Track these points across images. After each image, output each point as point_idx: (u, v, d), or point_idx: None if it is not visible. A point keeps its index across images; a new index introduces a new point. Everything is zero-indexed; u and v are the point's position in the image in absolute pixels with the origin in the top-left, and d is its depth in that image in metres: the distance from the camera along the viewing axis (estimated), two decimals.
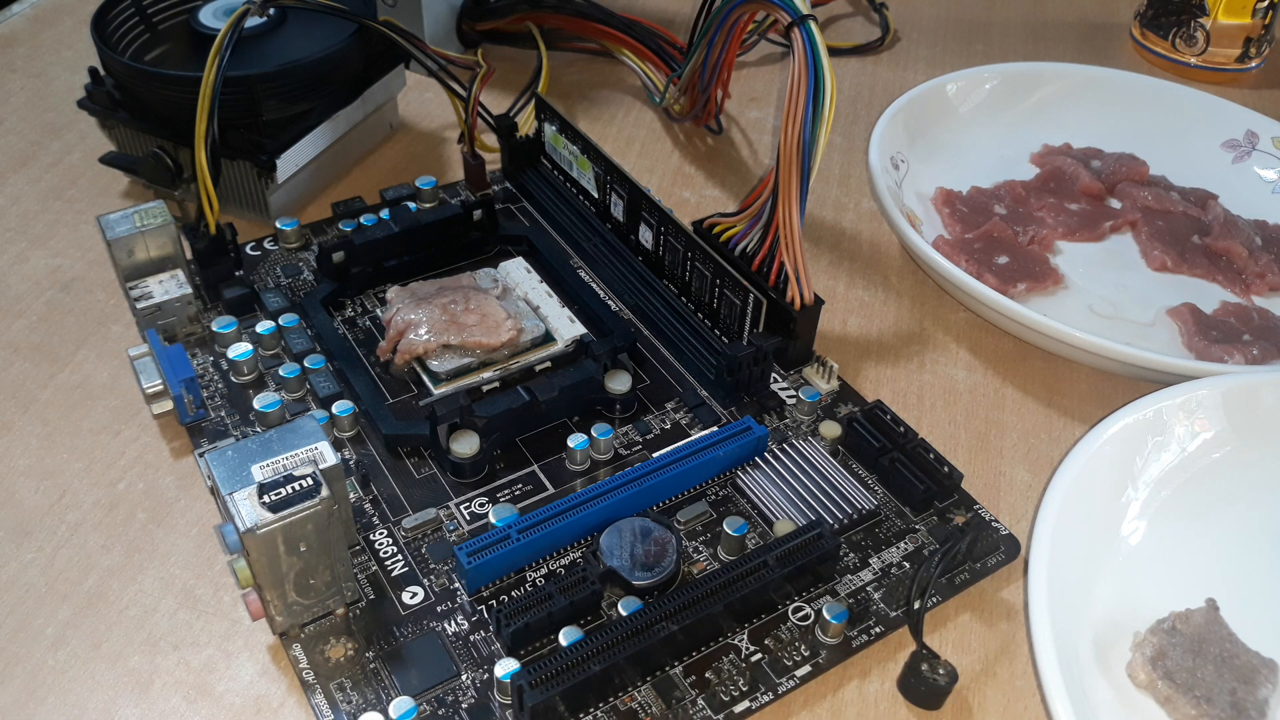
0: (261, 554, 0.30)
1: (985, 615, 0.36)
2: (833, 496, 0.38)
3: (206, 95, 0.44)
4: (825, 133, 0.39)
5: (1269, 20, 0.67)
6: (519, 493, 0.38)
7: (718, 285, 0.43)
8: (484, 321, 0.41)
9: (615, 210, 0.48)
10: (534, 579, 0.35)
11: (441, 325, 0.41)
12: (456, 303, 0.42)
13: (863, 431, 0.39)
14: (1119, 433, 0.38)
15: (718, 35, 0.49)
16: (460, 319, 0.41)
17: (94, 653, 0.34)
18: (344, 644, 0.33)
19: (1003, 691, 0.34)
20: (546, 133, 0.51)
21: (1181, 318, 0.47)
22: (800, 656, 0.33)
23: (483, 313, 0.42)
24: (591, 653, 0.31)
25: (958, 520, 0.38)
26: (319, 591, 0.32)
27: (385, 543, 0.36)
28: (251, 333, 0.43)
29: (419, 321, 0.41)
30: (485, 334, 0.41)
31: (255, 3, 0.47)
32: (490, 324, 0.41)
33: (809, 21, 0.39)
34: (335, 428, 0.40)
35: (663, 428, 0.41)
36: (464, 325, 0.41)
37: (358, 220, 0.49)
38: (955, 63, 0.67)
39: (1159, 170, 0.57)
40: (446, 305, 0.42)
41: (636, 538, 0.35)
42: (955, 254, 0.49)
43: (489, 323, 0.41)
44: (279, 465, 0.31)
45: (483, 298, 0.42)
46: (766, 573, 0.33)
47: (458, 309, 0.41)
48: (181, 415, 0.39)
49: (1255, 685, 0.33)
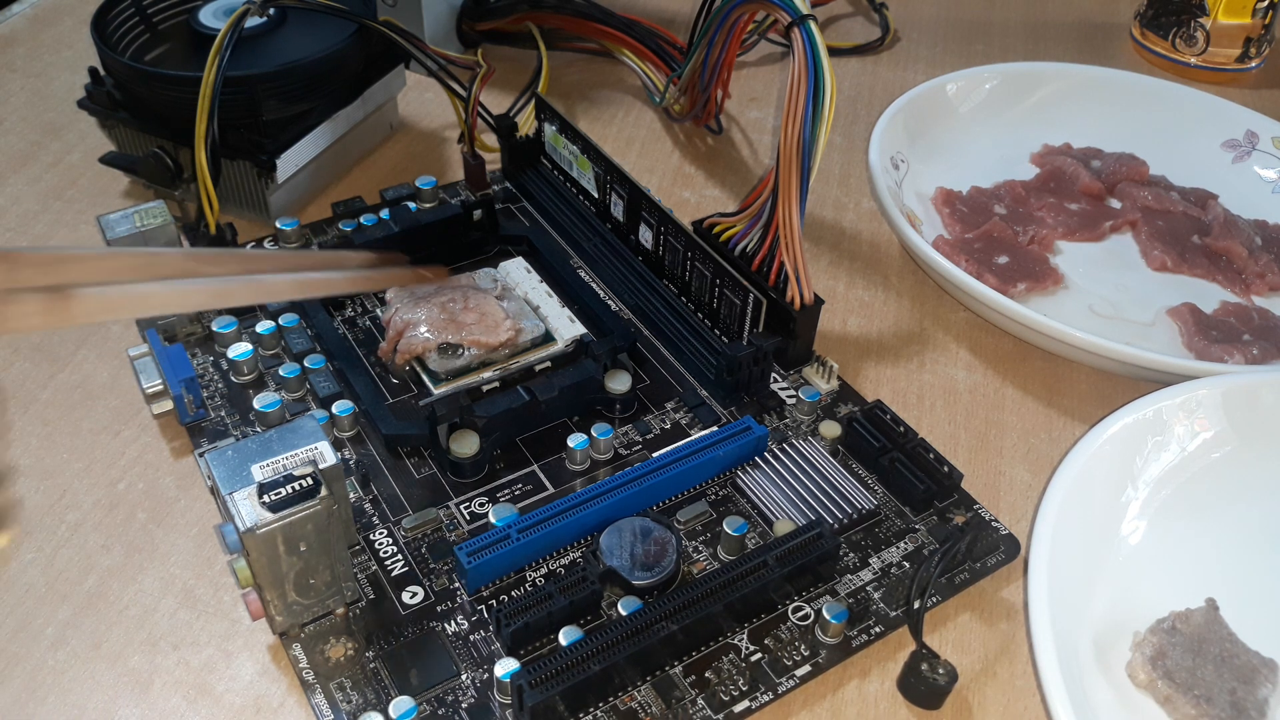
0: (261, 554, 0.30)
1: (985, 615, 0.36)
2: (832, 496, 0.38)
3: (206, 95, 0.44)
4: (825, 132, 0.39)
5: (1269, 20, 0.67)
6: (519, 492, 0.38)
7: (718, 285, 0.43)
8: (483, 320, 0.41)
9: (615, 210, 0.48)
10: (534, 579, 0.35)
11: (440, 324, 0.41)
12: (455, 301, 0.42)
13: (863, 431, 0.39)
14: (1119, 432, 0.38)
15: (718, 35, 0.49)
16: (459, 318, 0.41)
17: (94, 653, 0.34)
18: (344, 644, 0.33)
19: (1003, 691, 0.34)
20: (546, 133, 0.51)
21: (1181, 318, 0.47)
22: (800, 656, 0.33)
23: (481, 312, 0.42)
24: (591, 652, 0.31)
25: (957, 520, 0.38)
26: (319, 591, 0.32)
27: (385, 542, 0.36)
28: (251, 333, 0.43)
29: (418, 321, 0.41)
30: (484, 333, 0.41)
31: (255, 3, 0.47)
32: (489, 323, 0.41)
33: (809, 21, 0.39)
34: (335, 428, 0.40)
35: (663, 427, 0.41)
36: (463, 324, 0.41)
37: (358, 220, 0.49)
38: (955, 63, 0.67)
39: (1159, 170, 0.57)
40: (445, 304, 0.41)
41: (636, 537, 0.35)
42: (955, 254, 0.49)
43: (488, 322, 0.41)
44: (279, 465, 0.31)
45: (482, 297, 0.42)
46: (766, 572, 0.33)
47: (456, 308, 0.41)
48: (181, 415, 0.39)
49: (1255, 685, 0.33)
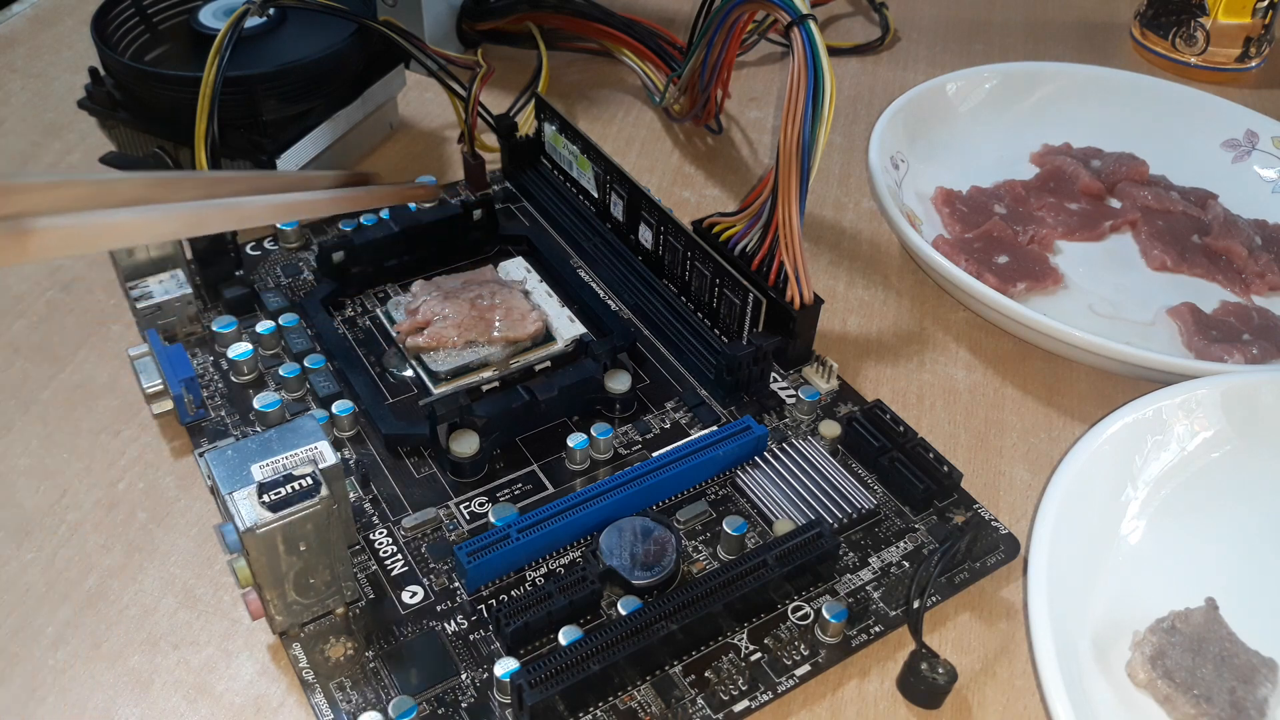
0: (261, 553, 0.30)
1: (985, 615, 0.36)
2: (832, 496, 0.38)
3: (206, 95, 0.44)
4: (825, 133, 0.39)
5: (1269, 20, 0.67)
6: (519, 492, 0.38)
7: (717, 285, 0.43)
8: (509, 316, 0.42)
9: (615, 210, 0.48)
10: (534, 578, 0.35)
11: (470, 322, 0.42)
12: (483, 299, 0.43)
13: (862, 431, 0.39)
14: (1118, 432, 0.38)
15: (717, 35, 0.49)
16: (487, 315, 0.42)
17: (94, 652, 0.34)
18: (344, 643, 0.33)
19: (1002, 691, 0.34)
20: (546, 132, 0.51)
21: (1181, 317, 0.47)
22: (800, 656, 0.33)
23: (508, 307, 0.42)
24: (591, 652, 0.31)
25: (957, 519, 0.38)
26: (319, 591, 0.32)
27: (385, 542, 0.36)
28: (251, 332, 0.43)
29: (447, 316, 0.42)
30: (510, 328, 0.42)
31: (255, 3, 0.47)
32: (515, 317, 0.42)
33: (809, 21, 0.39)
34: (335, 427, 0.40)
35: (662, 427, 0.41)
36: (490, 322, 0.42)
37: (357, 220, 0.49)
38: (955, 62, 0.67)
39: (1159, 170, 0.57)
40: (474, 301, 0.42)
41: (636, 537, 0.35)
42: (955, 253, 0.49)
43: (514, 316, 0.42)
44: (279, 465, 0.31)
45: (507, 292, 0.43)
46: (766, 572, 0.33)
47: (484, 304, 0.42)
48: (181, 415, 0.39)
49: (1254, 684, 0.33)
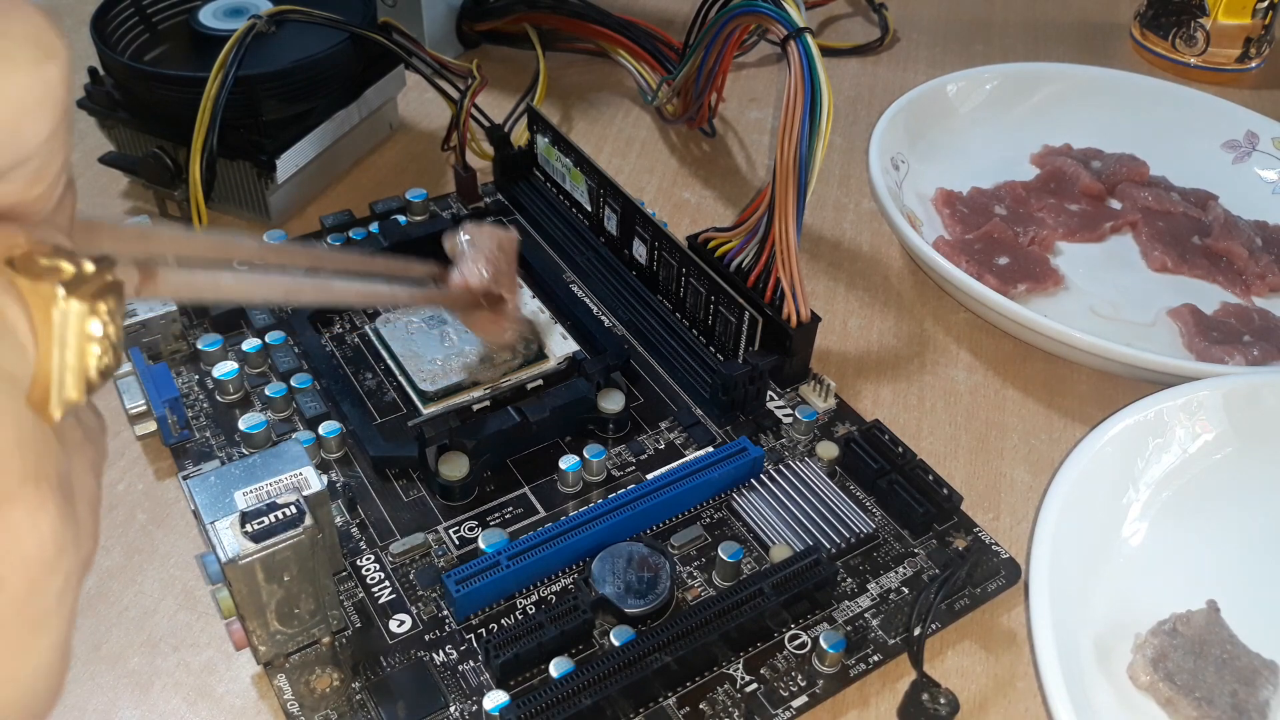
0: (243, 584, 0.29)
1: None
2: (830, 520, 0.37)
3: (207, 109, 0.43)
4: (822, 148, 0.38)
5: (1269, 20, 0.66)
6: (509, 516, 0.37)
7: (713, 302, 0.42)
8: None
9: (609, 224, 0.47)
10: (524, 606, 0.35)
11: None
12: None
13: (860, 452, 0.39)
14: (1120, 434, 0.38)
15: (713, 44, 0.49)
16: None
17: (94, 654, 0.34)
18: (330, 674, 0.33)
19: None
20: (539, 145, 0.51)
21: (1182, 318, 0.47)
22: (797, 686, 0.33)
23: None
24: (583, 685, 0.30)
25: (958, 544, 0.37)
26: (303, 620, 0.32)
27: (372, 568, 0.36)
28: (237, 350, 0.42)
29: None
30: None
31: (261, 17, 0.47)
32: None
33: (805, 35, 0.38)
34: (322, 449, 0.39)
35: (656, 448, 0.40)
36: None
37: (346, 235, 0.48)
38: (955, 63, 0.66)
39: (1159, 171, 0.56)
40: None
41: (629, 564, 0.34)
42: (955, 255, 0.49)
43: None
44: (263, 491, 0.31)
45: None
46: (762, 600, 0.33)
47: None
48: (165, 436, 0.39)
49: (1256, 687, 0.33)
